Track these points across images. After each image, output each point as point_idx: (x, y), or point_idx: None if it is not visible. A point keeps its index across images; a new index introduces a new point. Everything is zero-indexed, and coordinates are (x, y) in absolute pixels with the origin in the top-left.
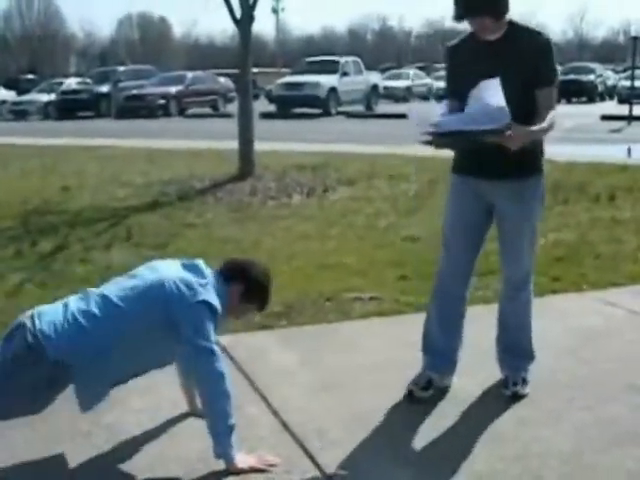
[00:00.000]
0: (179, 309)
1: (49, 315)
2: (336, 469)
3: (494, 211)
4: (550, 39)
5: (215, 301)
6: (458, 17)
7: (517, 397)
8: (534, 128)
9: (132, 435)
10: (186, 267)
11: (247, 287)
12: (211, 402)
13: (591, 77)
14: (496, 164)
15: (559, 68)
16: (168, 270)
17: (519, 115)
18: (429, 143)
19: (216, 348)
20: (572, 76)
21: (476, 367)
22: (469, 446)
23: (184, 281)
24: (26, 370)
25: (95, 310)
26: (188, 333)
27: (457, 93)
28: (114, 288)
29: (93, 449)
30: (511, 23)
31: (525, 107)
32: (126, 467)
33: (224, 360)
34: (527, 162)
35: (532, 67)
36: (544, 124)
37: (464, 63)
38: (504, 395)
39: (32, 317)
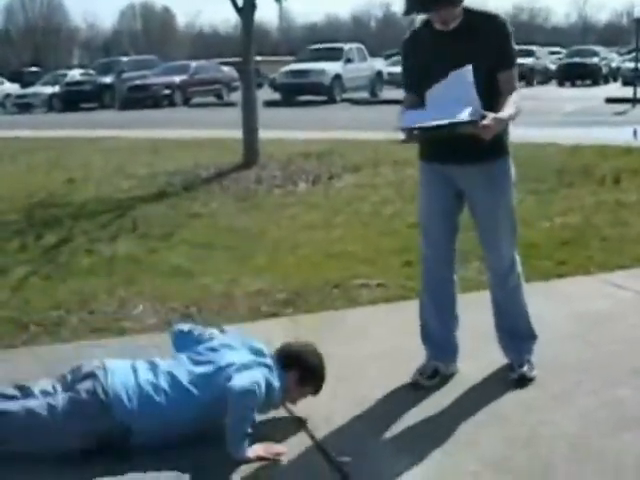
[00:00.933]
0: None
1: (120, 375)
2: (341, 456)
3: (465, 197)
4: (507, 21)
5: (275, 382)
6: (410, 11)
7: (524, 380)
8: (505, 115)
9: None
10: (251, 350)
11: (303, 374)
12: (236, 411)
13: (595, 60)
14: (462, 149)
15: (563, 51)
16: (231, 356)
17: (484, 100)
18: (406, 140)
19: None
20: (576, 59)
21: (480, 352)
22: (476, 431)
23: (248, 367)
24: (88, 419)
25: (165, 386)
26: (236, 392)
27: (416, 86)
28: (182, 370)
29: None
30: (467, 10)
31: (489, 91)
32: (136, 451)
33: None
34: (493, 145)
35: (493, 51)
36: (512, 109)
37: (421, 55)
38: (511, 379)
39: (104, 370)
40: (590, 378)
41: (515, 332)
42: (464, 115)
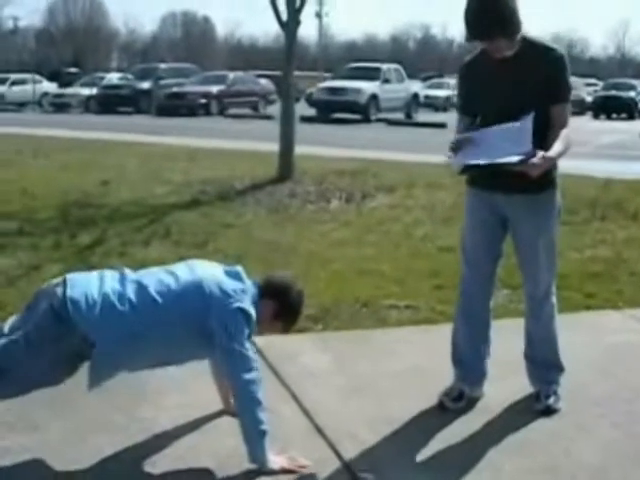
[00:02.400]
0: (216, 313)
1: (81, 285)
2: (364, 472)
3: (509, 225)
4: (564, 54)
5: (251, 310)
6: (470, 39)
7: (549, 411)
8: (553, 154)
9: (166, 429)
10: (227, 273)
11: (281, 307)
12: (244, 408)
13: (631, 94)
14: (509, 178)
15: (600, 84)
16: (208, 273)
17: (534, 131)
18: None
19: (250, 354)
20: (613, 92)
21: (507, 378)
22: (497, 456)
23: (223, 286)
24: (49, 340)
25: (132, 296)
26: (223, 338)
27: (469, 110)
28: (152, 279)
29: (128, 441)
30: (525, 39)
31: (539, 123)
32: (159, 457)
33: (258, 365)
34: (541, 177)
35: (546, 83)
36: (562, 146)
37: (478, 80)
38: (536, 409)
39: (63, 284)
40: (615, 411)
41: (544, 362)
42: (515, 158)
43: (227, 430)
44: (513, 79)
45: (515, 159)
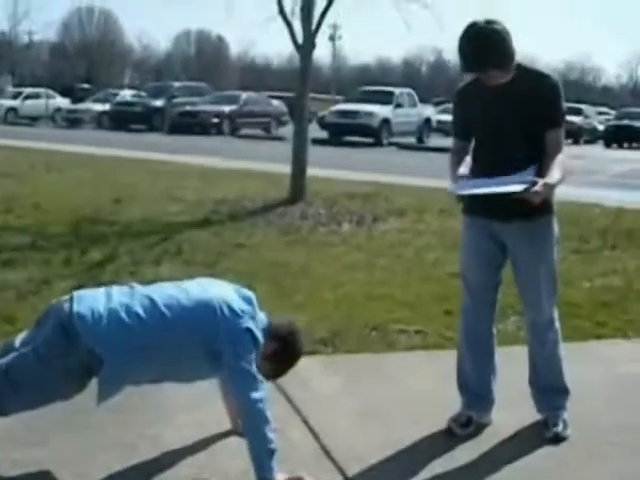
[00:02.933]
0: (225, 332)
1: (89, 301)
2: None
3: (508, 252)
4: (558, 81)
5: (259, 334)
6: (465, 70)
7: (558, 439)
8: (554, 181)
9: (175, 448)
10: (239, 294)
11: (282, 351)
12: (252, 426)
13: None
14: (506, 205)
15: (613, 113)
16: (219, 291)
17: (528, 157)
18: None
19: (256, 373)
20: (625, 121)
21: (517, 405)
22: None
23: (234, 305)
24: (58, 355)
25: (139, 310)
26: (231, 356)
27: (464, 135)
28: (162, 294)
29: (137, 458)
30: (519, 66)
31: (533, 149)
32: (168, 476)
33: (264, 384)
34: (539, 203)
35: (540, 109)
36: (560, 173)
37: (472, 106)
38: (545, 437)
39: (70, 300)
40: (625, 441)
41: (550, 388)
42: (519, 187)
43: (236, 451)
44: (507, 104)
45: (519, 188)
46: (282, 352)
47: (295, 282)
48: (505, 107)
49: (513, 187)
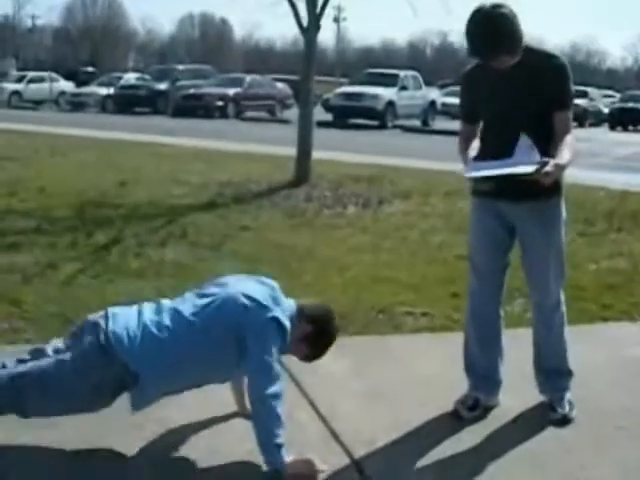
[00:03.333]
0: (251, 324)
1: (123, 319)
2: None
3: (516, 233)
4: (566, 63)
5: (286, 322)
6: (476, 57)
7: (566, 421)
8: (564, 161)
9: (182, 430)
10: (261, 284)
11: (316, 333)
12: (261, 421)
13: None
14: (515, 186)
15: (618, 95)
16: (240, 286)
17: (538, 140)
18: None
19: (277, 369)
20: (630, 104)
21: (523, 388)
22: (511, 470)
23: (257, 297)
24: (94, 369)
25: (168, 322)
26: (253, 348)
27: (472, 118)
28: (186, 305)
29: (144, 441)
30: (527, 47)
31: (543, 131)
32: (175, 459)
33: (282, 380)
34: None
35: (548, 91)
36: (569, 153)
37: (479, 89)
38: (552, 419)
39: (106, 317)
40: (631, 424)
41: (555, 370)
42: (530, 167)
43: (244, 432)
44: (515, 86)
45: (530, 169)
46: (318, 333)
47: (301, 265)
48: (513, 89)
49: (524, 168)
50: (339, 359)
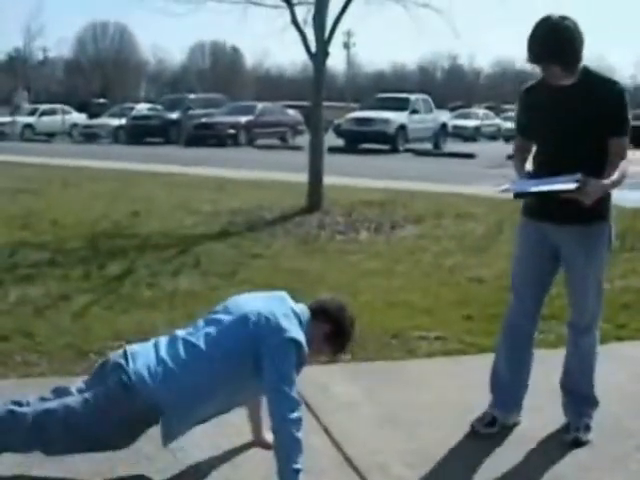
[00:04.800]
0: (266, 346)
1: (142, 357)
2: None
3: (560, 255)
4: (624, 90)
5: (301, 337)
6: (528, 60)
7: (578, 443)
8: (607, 182)
9: (196, 461)
10: (272, 299)
11: (335, 330)
12: (282, 447)
13: None
14: (561, 208)
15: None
16: (250, 306)
17: (592, 163)
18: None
19: (296, 395)
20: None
21: (541, 408)
22: None
23: (269, 315)
24: (118, 408)
25: (185, 356)
26: (272, 376)
27: (526, 132)
28: (200, 335)
29: (157, 474)
30: (586, 71)
31: (595, 155)
32: None
33: (301, 405)
34: (592, 207)
35: (605, 116)
36: (616, 176)
37: (536, 105)
38: (565, 439)
39: (126, 357)
40: None
41: (578, 393)
42: (572, 185)
43: (259, 461)
44: (570, 108)
45: (572, 186)
46: (336, 331)
47: (314, 291)
48: (568, 110)
49: (564, 185)
50: (352, 384)
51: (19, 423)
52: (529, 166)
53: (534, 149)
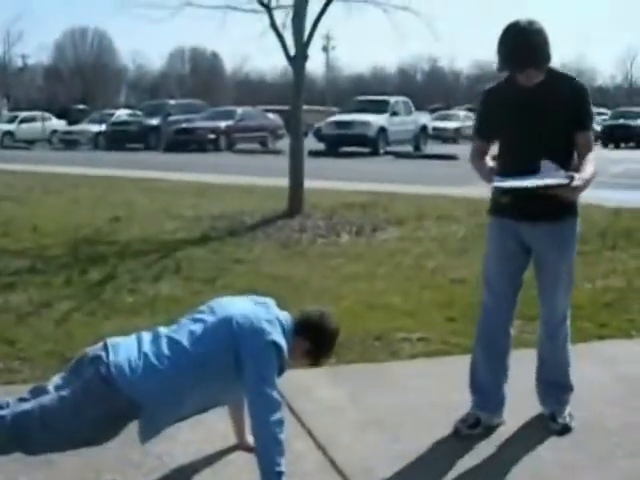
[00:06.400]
0: (247, 348)
1: (123, 350)
2: None
3: (532, 253)
4: (586, 86)
5: (283, 342)
6: (503, 69)
7: (566, 430)
8: (589, 176)
9: (181, 466)
10: (256, 304)
11: (314, 347)
12: (264, 449)
13: (639, 122)
14: (533, 206)
15: (608, 113)
16: (235, 308)
17: (556, 158)
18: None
19: (276, 396)
20: (621, 121)
21: (524, 409)
22: None
23: (252, 318)
24: (96, 402)
25: (168, 352)
26: (253, 377)
27: (485, 134)
28: (183, 333)
29: (143, 478)
30: (549, 70)
31: (562, 150)
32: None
33: (283, 407)
34: (564, 204)
35: (569, 112)
36: (593, 170)
37: (500, 107)
38: (553, 429)
39: (106, 349)
40: (631, 441)
41: (557, 384)
42: (563, 180)
43: (242, 466)
44: (537, 106)
45: (565, 181)
46: (314, 349)
47: (296, 295)
48: (533, 109)
49: (557, 180)
50: (336, 387)
51: None
52: (490, 164)
53: (494, 150)
